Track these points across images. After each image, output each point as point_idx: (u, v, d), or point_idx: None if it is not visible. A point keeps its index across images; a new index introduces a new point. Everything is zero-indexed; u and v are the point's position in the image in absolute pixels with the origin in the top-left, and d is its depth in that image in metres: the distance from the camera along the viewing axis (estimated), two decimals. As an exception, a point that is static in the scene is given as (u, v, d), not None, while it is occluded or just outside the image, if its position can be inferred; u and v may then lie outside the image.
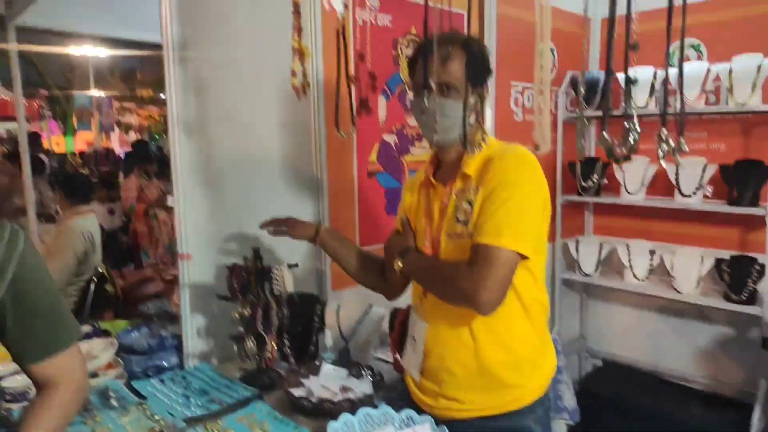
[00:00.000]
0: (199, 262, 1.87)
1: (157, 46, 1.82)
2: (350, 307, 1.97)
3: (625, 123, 0.82)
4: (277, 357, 1.77)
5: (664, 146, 0.78)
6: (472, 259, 1.23)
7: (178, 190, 1.83)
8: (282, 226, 1.68)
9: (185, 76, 1.80)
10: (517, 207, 1.23)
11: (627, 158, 0.81)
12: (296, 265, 1.77)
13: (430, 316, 1.40)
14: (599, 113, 3.11)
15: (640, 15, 0.99)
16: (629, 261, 3.03)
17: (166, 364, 1.85)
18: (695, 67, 2.80)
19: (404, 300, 1.81)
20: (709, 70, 2.73)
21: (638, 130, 0.80)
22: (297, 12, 1.30)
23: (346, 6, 1.29)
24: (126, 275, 3.59)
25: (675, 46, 2.95)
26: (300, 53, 1.33)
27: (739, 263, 2.65)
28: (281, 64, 1.56)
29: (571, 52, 3.26)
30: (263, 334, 1.70)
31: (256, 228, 2.00)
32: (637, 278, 3.01)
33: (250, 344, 1.68)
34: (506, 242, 1.20)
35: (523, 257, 1.23)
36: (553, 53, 3.23)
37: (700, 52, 3.00)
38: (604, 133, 0.84)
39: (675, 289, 2.85)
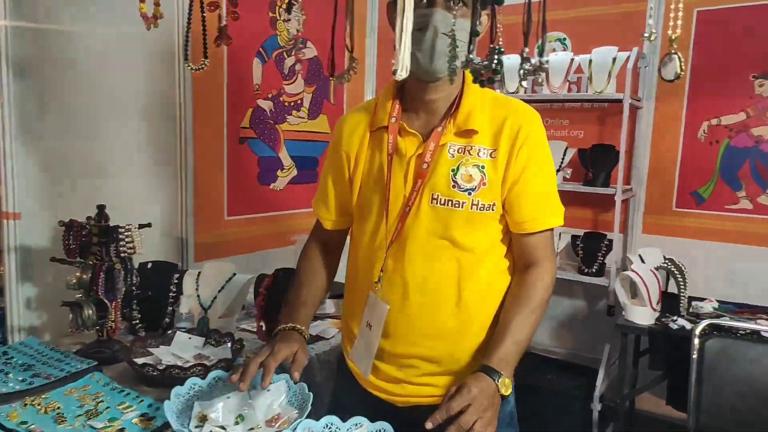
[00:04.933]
0: (30, 222, 1.63)
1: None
2: (212, 274, 1.83)
3: (491, 45, 0.81)
4: (122, 327, 1.59)
5: (527, 65, 0.78)
6: (535, 251, 1.13)
7: (4, 138, 1.57)
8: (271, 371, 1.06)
9: (21, 11, 1.55)
10: (553, 178, 1.15)
11: (490, 80, 0.80)
12: (148, 225, 1.60)
13: (393, 296, 1.12)
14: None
15: (513, 8, 0.97)
16: (497, 239, 3.17)
17: (-17, 341, 1.59)
18: (560, 57, 2.98)
19: (274, 265, 1.72)
20: (572, 60, 2.92)
21: (502, 50, 0.79)
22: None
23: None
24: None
25: (543, 38, 3.09)
26: (149, -23, 1.18)
27: (590, 239, 2.87)
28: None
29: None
30: (105, 301, 1.51)
31: (101, 184, 1.80)
32: (504, 255, 3.16)
33: (89, 312, 1.48)
34: (557, 221, 1.14)
35: None
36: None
37: (565, 45, 3.21)
38: (471, 55, 0.82)
39: (537, 265, 3.03)
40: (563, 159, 2.97)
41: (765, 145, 2.67)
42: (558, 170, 2.96)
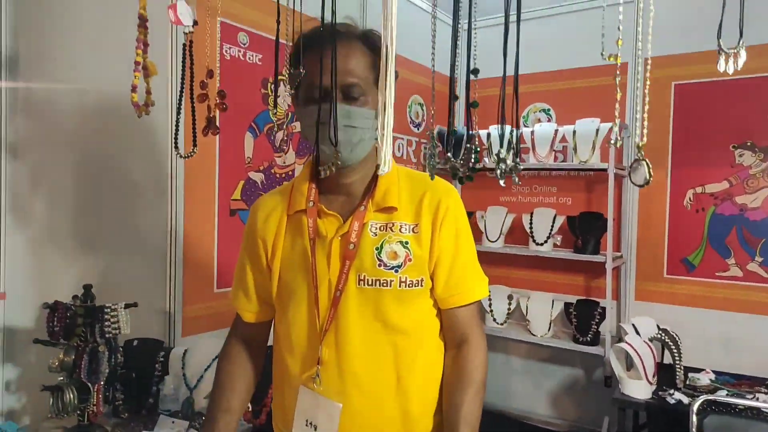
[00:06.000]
0: (16, 301, 1.61)
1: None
2: (200, 351, 1.80)
3: (467, 145, 0.83)
4: (105, 410, 1.54)
5: (502, 165, 0.80)
6: (464, 325, 1.11)
7: (-5, 217, 1.58)
8: None
9: (16, 94, 1.60)
10: (474, 249, 1.14)
11: (469, 177, 0.81)
12: (135, 305, 1.58)
13: (332, 389, 1.04)
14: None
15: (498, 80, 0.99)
16: (489, 305, 3.15)
17: (-40, 426, 1.54)
18: (545, 128, 3.07)
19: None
20: (557, 131, 3.01)
21: (478, 150, 0.81)
22: (143, 26, 1.21)
23: (196, 22, 1.21)
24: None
25: (529, 108, 3.21)
26: (145, 68, 1.22)
27: (583, 307, 2.86)
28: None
29: (442, 109, 3.43)
30: (87, 383, 1.47)
31: (90, 261, 1.79)
32: (497, 322, 3.13)
33: (70, 396, 1.44)
34: (484, 292, 1.13)
35: None
36: (422, 108, 3.40)
37: (550, 115, 3.32)
38: (449, 154, 0.84)
39: (530, 332, 3.00)
40: (552, 226, 3.00)
41: (749, 213, 2.71)
42: (548, 237, 2.99)
